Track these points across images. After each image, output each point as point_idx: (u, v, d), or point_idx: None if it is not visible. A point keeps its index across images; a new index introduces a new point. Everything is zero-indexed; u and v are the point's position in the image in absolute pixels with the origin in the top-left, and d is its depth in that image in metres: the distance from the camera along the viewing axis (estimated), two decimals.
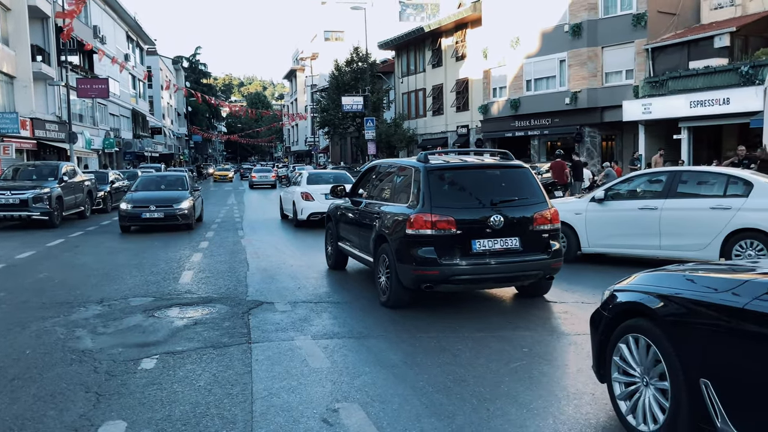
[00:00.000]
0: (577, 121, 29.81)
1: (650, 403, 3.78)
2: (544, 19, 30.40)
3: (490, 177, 7.62)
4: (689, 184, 9.80)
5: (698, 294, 3.53)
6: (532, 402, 4.56)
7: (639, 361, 3.90)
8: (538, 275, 7.44)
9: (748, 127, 21.27)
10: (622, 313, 4.06)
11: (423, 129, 45.14)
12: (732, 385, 3.24)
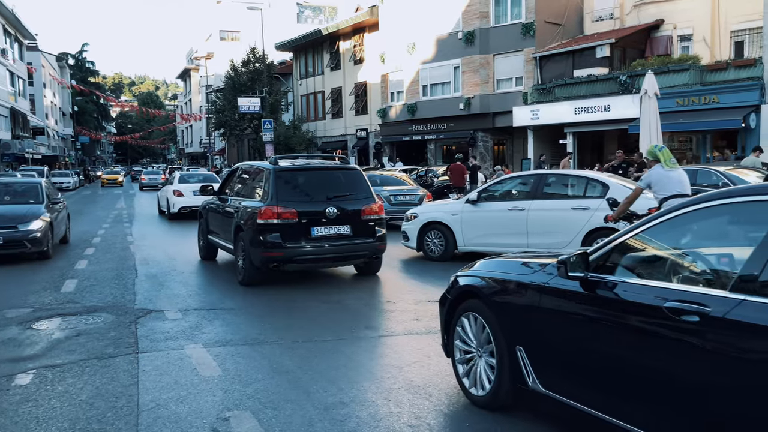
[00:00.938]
0: (471, 126, 30.73)
1: (482, 372, 4.44)
2: (439, 25, 31.13)
3: (328, 177, 9.34)
4: (554, 187, 10.53)
5: (516, 276, 4.27)
6: (426, 401, 4.65)
7: (475, 336, 4.54)
8: (367, 255, 9.27)
9: (626, 132, 22.71)
10: (461, 294, 4.70)
11: (322, 132, 45.07)
12: (538, 350, 3.97)
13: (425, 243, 11.34)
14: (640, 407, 3.25)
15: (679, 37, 25.58)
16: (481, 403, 4.44)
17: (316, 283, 9.37)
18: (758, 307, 2.72)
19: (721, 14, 24.08)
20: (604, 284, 3.55)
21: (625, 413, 3.34)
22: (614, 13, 27.63)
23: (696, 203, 3.35)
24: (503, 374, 4.20)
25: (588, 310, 3.64)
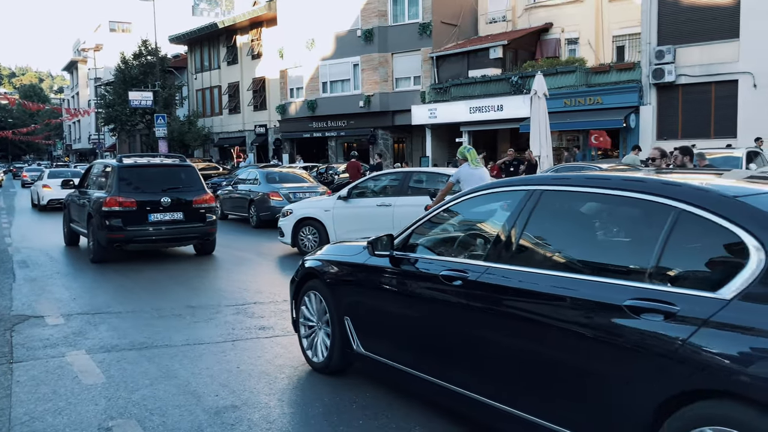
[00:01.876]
0: (371, 123, 30.93)
1: (320, 342, 5.11)
2: (339, 22, 31.11)
3: (165, 172, 11.25)
4: (421, 183, 11.03)
5: (345, 257, 4.96)
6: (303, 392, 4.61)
7: (316, 311, 5.17)
8: (198, 237, 11.28)
9: (518, 131, 23.58)
10: (305, 276, 5.30)
11: (219, 127, 43.95)
12: (360, 318, 4.68)
13: (299, 239, 11.56)
14: (433, 360, 4.00)
15: (566, 41, 26.86)
16: (319, 368, 5.12)
17: (207, 287, 9.12)
18: (499, 271, 3.57)
19: (604, 20, 25.50)
20: (407, 260, 4.30)
21: (424, 365, 4.07)
22: (507, 16, 28.61)
23: (469, 193, 4.26)
24: (335, 342, 4.89)
25: (394, 282, 4.39)
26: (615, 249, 3.40)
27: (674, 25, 21.58)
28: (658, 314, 2.75)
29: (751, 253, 2.63)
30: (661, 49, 21.43)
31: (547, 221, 3.66)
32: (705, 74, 21.06)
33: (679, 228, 2.91)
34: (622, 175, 3.55)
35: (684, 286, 2.79)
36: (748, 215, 2.73)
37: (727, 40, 20.59)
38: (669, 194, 3.02)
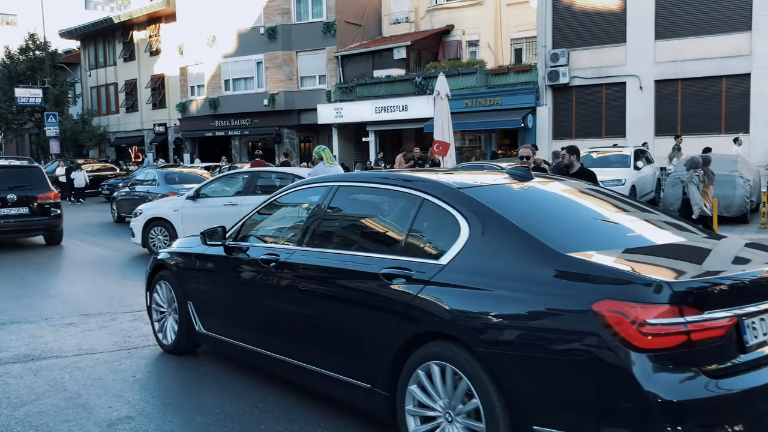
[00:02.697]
0: (276, 122, 30.54)
1: (170, 326, 5.63)
2: (241, 19, 30.51)
3: (12, 172, 12.81)
4: (265, 183, 11.27)
5: (189, 248, 5.48)
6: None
7: (165, 299, 5.67)
8: (44, 229, 12.91)
9: (423, 131, 23.97)
10: (156, 267, 5.82)
11: (116, 126, 42.07)
12: (200, 302, 5.24)
13: (150, 239, 11.52)
14: (257, 332, 4.62)
15: (467, 43, 27.55)
16: (169, 349, 5.63)
17: (101, 293, 8.70)
18: (301, 252, 4.30)
19: (503, 23, 26.34)
20: (237, 248, 4.89)
21: (252, 339, 4.68)
22: (410, 17, 29.01)
23: (289, 188, 5.03)
24: (182, 324, 5.41)
25: (226, 268, 4.99)
26: (381, 230, 4.21)
27: (568, 30, 22.61)
28: (402, 278, 3.50)
29: (462, 229, 3.44)
30: (556, 52, 22.38)
31: (338, 211, 4.46)
32: (596, 76, 22.19)
33: (422, 212, 3.75)
34: (393, 173, 4.57)
35: (419, 256, 3.58)
36: (463, 201, 3.56)
37: (616, 45, 21.79)
38: (418, 187, 3.84)
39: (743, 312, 2.88)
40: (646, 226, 3.88)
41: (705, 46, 20.32)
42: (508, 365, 3.00)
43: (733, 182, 13.68)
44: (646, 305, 2.69)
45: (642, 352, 2.66)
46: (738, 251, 3.62)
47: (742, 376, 2.81)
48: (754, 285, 3.05)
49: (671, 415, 2.62)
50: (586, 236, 3.46)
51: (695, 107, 20.89)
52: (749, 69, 19.85)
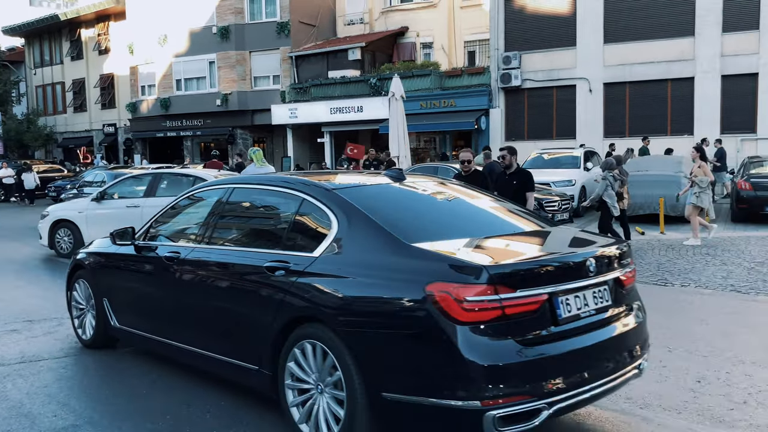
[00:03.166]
0: (230, 123, 30.18)
1: (88, 321, 5.93)
2: (193, 18, 30.05)
3: None
4: (167, 185, 11.42)
5: (103, 249, 5.79)
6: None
7: (83, 296, 5.99)
8: None
9: (378, 132, 24.01)
10: (75, 266, 6.16)
11: (64, 126, 40.90)
12: (114, 298, 5.56)
13: (56, 240, 11.69)
14: (163, 324, 4.97)
15: (422, 45, 27.72)
16: (88, 344, 5.92)
17: (49, 297, 8.45)
18: (198, 250, 4.67)
19: (456, 26, 26.59)
20: (147, 248, 5.18)
21: (159, 330, 5.01)
22: (364, 18, 29.02)
23: (192, 190, 5.41)
24: (99, 320, 5.72)
25: (134, 266, 5.33)
26: (267, 227, 4.70)
27: (520, 33, 22.97)
28: (282, 270, 3.91)
29: (332, 225, 3.87)
30: (508, 55, 22.71)
31: (232, 210, 4.85)
32: (547, 79, 22.60)
33: (301, 211, 4.18)
34: (277, 176, 5.02)
35: (297, 250, 4.00)
36: (334, 200, 4.00)
37: (566, 48, 22.23)
38: (299, 188, 4.27)
39: (556, 290, 3.39)
40: (496, 219, 4.46)
41: (651, 51, 20.92)
42: (362, 342, 3.46)
43: (678, 183, 14.09)
44: (467, 285, 3.16)
45: (463, 325, 3.14)
46: (566, 239, 4.29)
47: (554, 343, 3.33)
48: (569, 267, 3.57)
49: (487, 376, 3.11)
50: (434, 228, 3.96)
51: (642, 109, 21.47)
52: (693, 73, 20.51)
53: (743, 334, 6.17)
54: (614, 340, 3.65)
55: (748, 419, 4.14)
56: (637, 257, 10.39)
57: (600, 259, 3.69)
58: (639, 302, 4.06)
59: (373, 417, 3.43)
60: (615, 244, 4.02)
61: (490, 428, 3.10)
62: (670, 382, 4.83)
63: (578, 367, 3.40)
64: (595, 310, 3.59)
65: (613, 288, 3.77)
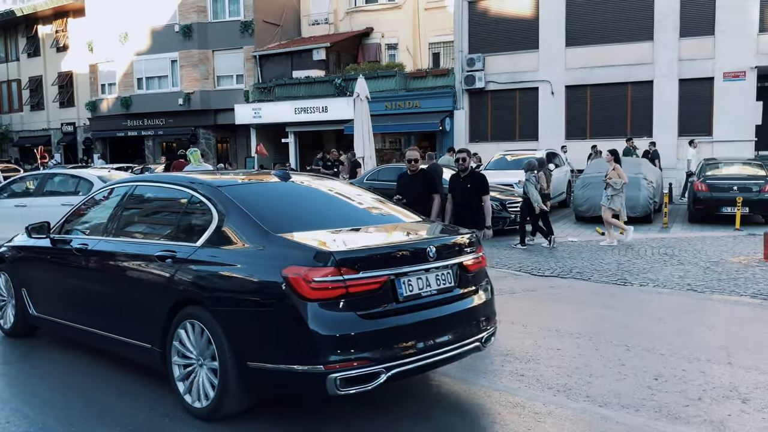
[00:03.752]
0: (192, 122, 29.78)
1: (9, 313, 6.24)
2: (155, 16, 29.57)
3: None
4: (55, 185, 11.52)
5: (23, 242, 6.07)
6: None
7: (4, 288, 6.32)
8: None
9: (343, 133, 23.97)
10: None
11: (20, 125, 39.82)
12: (32, 288, 5.88)
13: None
14: (74, 310, 5.32)
15: (386, 46, 27.76)
16: (8, 332, 6.26)
17: None
18: (103, 242, 5.11)
19: (421, 27, 26.70)
20: (61, 241, 5.55)
21: (71, 316, 5.35)
22: (329, 18, 28.95)
23: (102, 187, 5.92)
24: (18, 309, 6.04)
25: (49, 257, 5.72)
26: (161, 221, 5.17)
27: (483, 35, 23.17)
28: (170, 258, 4.39)
29: (213, 218, 4.39)
30: (472, 57, 22.89)
31: (134, 205, 5.32)
32: (510, 81, 22.84)
33: (189, 206, 4.69)
34: (172, 174, 5.97)
35: (183, 240, 4.51)
36: (217, 196, 4.50)
37: (529, 51, 22.50)
38: (189, 186, 4.78)
39: (397, 272, 3.96)
40: (361, 213, 5.10)
41: (612, 54, 21.30)
42: (231, 319, 3.99)
43: (637, 184, 14.37)
44: (315, 268, 3.71)
45: (312, 302, 3.69)
46: (419, 230, 4.84)
47: (394, 317, 3.90)
48: (410, 253, 4.14)
49: (328, 344, 3.68)
50: (300, 221, 4.44)
51: (603, 112, 21.85)
52: (652, 76, 20.95)
53: (699, 332, 6.31)
54: (455, 317, 4.26)
55: (702, 415, 4.24)
56: (597, 257, 10.57)
57: (441, 247, 4.28)
58: (485, 285, 4.68)
59: (241, 383, 3.96)
60: (461, 235, 4.65)
61: (332, 389, 3.65)
62: (628, 380, 4.91)
63: (417, 338, 3.97)
64: (437, 290, 4.20)
65: (457, 272, 4.38)
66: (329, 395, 3.69)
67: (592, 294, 8.15)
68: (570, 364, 5.31)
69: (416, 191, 7.60)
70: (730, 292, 8.03)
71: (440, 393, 4.76)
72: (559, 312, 7.22)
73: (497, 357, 5.49)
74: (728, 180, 14.28)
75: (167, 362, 4.39)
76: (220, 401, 4.02)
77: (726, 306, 7.44)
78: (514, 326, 6.50)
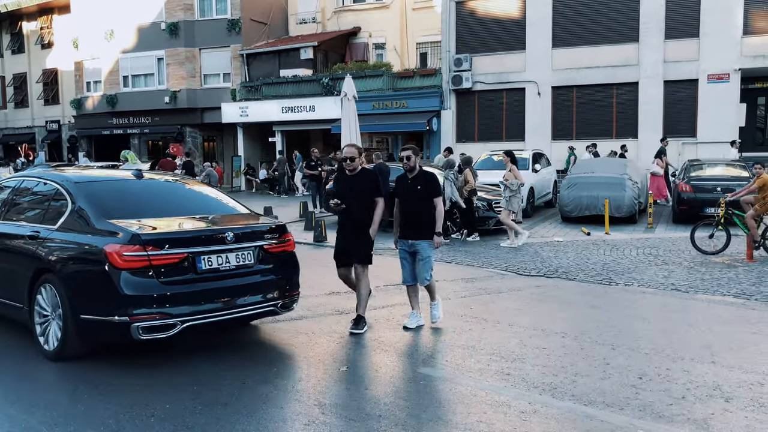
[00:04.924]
0: (178, 120, 29.60)
1: None
2: (141, 14, 29.36)
3: None
4: None
5: None
6: None
7: None
8: None
9: (330, 132, 23.93)
10: None
11: (4, 122, 39.38)
12: None
13: None
14: None
15: (374, 45, 27.74)
16: None
17: None
18: None
19: (409, 27, 26.71)
20: None
21: None
22: (317, 17, 28.88)
23: (3, 180, 7.16)
24: None
25: None
26: (35, 207, 6.24)
27: (471, 35, 23.21)
28: (35, 237, 5.65)
29: (68, 206, 5.66)
30: (459, 57, 22.93)
31: (20, 195, 6.54)
32: (497, 82, 22.90)
33: (55, 196, 5.92)
34: (48, 171, 7.10)
35: (46, 223, 5.73)
36: (73, 190, 5.78)
37: (516, 52, 22.58)
38: (56, 180, 6.07)
39: (197, 251, 5.25)
40: (195, 205, 6.25)
41: (598, 56, 21.42)
42: (71, 283, 5.27)
43: (622, 184, 14.47)
44: (126, 246, 5.00)
45: (123, 270, 4.96)
46: (232, 221, 5.94)
47: (193, 284, 5.22)
48: (211, 237, 5.39)
49: (133, 301, 4.96)
50: (132, 210, 5.64)
51: (589, 113, 21.97)
52: (637, 78, 21.09)
53: (683, 332, 6.37)
54: (252, 286, 5.58)
55: (686, 414, 4.28)
56: (583, 257, 10.63)
57: (241, 234, 5.58)
58: (289, 263, 5.97)
59: (77, 331, 5.18)
60: (266, 225, 5.95)
61: (136, 335, 4.96)
62: (613, 379, 4.95)
63: (212, 301, 5.29)
64: (236, 266, 5.49)
65: (258, 253, 5.66)
66: (134, 340, 4.97)
67: (578, 294, 8.20)
68: (555, 363, 5.34)
69: (356, 193, 6.53)
70: (713, 291, 8.11)
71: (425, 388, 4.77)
72: (545, 311, 7.26)
73: (483, 356, 5.52)
74: (712, 181, 14.42)
75: (31, 318, 5.60)
76: (64, 345, 5.28)
77: (710, 306, 7.52)
78: (500, 326, 6.53)
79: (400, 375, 5.12)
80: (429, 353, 5.76)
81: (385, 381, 4.98)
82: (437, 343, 6.01)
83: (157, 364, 5.36)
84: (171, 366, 5.31)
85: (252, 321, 6.19)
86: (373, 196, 6.55)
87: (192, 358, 5.52)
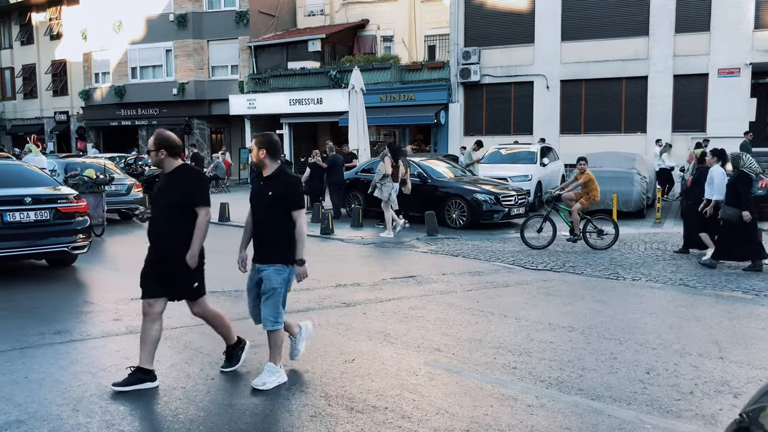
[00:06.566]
0: (186, 112, 29.65)
1: None
2: (149, 5, 29.39)
3: None
4: None
5: None
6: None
7: None
8: None
9: (338, 125, 23.90)
10: None
11: (13, 113, 39.54)
12: None
13: None
14: None
15: (382, 38, 27.66)
16: None
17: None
18: None
19: (417, 20, 26.61)
20: None
21: None
22: (325, 10, 28.81)
23: None
24: None
25: None
26: None
27: (479, 28, 23.11)
28: None
29: None
30: (468, 50, 22.83)
31: None
32: (506, 75, 22.80)
33: None
34: None
35: None
36: None
37: (524, 45, 22.46)
38: None
39: (5, 209, 7.93)
40: (14, 180, 8.60)
41: (607, 49, 21.28)
42: None
43: (631, 179, 14.40)
44: None
45: None
46: (34, 189, 8.41)
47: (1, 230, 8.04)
48: (14, 199, 8.03)
49: None
50: None
51: (597, 107, 21.86)
52: (646, 72, 20.95)
53: (691, 327, 6.34)
54: (47, 233, 8.28)
55: (694, 409, 4.26)
56: (590, 252, 10.60)
57: (38, 198, 8.25)
58: (80, 220, 8.67)
59: None
60: (59, 193, 8.63)
61: None
62: (621, 373, 4.93)
63: (12, 242, 7.94)
64: (35, 221, 8.17)
65: (54, 212, 8.36)
66: None
67: (585, 288, 8.17)
68: (562, 357, 5.33)
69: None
70: (722, 287, 8.07)
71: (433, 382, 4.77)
72: (552, 305, 7.24)
73: (490, 350, 5.51)
74: None
75: None
76: None
77: (718, 301, 7.48)
78: (507, 319, 6.52)
79: (407, 367, 5.11)
80: (435, 346, 5.76)
81: (391, 373, 4.98)
82: (444, 337, 6.00)
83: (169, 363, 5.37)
84: (185, 371, 5.31)
85: (51, 257, 8.96)
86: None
87: (193, 352, 5.53)
